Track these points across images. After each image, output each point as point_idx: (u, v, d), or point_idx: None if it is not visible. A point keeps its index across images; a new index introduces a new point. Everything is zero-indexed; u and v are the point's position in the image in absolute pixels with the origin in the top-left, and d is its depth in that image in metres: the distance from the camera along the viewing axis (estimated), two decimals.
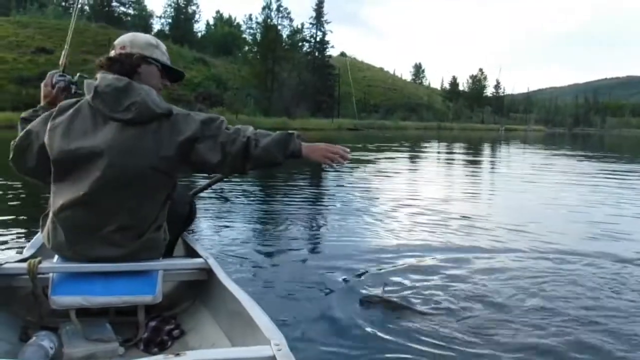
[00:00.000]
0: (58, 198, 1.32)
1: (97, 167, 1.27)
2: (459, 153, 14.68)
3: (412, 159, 11.89)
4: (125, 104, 1.28)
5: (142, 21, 50.25)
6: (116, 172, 1.27)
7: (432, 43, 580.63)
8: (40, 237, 1.56)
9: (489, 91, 75.80)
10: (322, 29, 48.09)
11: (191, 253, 1.68)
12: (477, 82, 74.24)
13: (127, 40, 1.42)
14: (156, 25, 54.74)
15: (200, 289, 1.54)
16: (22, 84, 27.58)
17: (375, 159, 10.92)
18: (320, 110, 41.31)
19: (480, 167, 10.18)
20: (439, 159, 12.35)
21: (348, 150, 1.43)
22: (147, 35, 1.48)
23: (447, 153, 14.56)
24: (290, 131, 1.41)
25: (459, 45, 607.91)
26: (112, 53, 1.41)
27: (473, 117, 65.33)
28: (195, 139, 1.32)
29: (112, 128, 1.29)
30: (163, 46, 1.48)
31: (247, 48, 52.39)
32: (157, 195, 1.36)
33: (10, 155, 1.38)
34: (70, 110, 1.33)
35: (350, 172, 7.78)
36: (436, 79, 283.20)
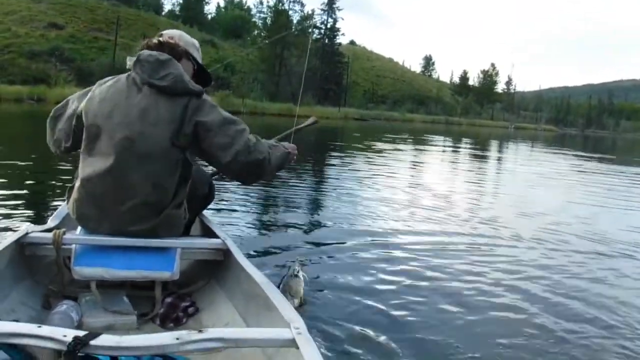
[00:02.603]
0: (86, 167, 1.36)
1: (127, 135, 1.32)
2: (468, 149, 14.58)
3: (417, 153, 11.84)
4: (162, 73, 1.36)
5: (154, 0, 49.74)
6: (143, 141, 1.32)
7: (443, 35, 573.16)
8: (65, 208, 1.60)
9: (500, 87, 74.62)
10: (334, 16, 47.49)
11: (208, 233, 1.70)
12: (489, 77, 73.05)
13: (176, 34, 1.56)
14: (167, 6, 54.37)
15: (216, 269, 1.57)
16: (33, 58, 27.55)
17: (382, 149, 10.89)
18: (327, 99, 40.97)
19: (488, 167, 10.12)
20: (444, 151, 12.30)
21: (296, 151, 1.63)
22: (192, 38, 1.63)
23: (454, 149, 14.47)
24: (285, 145, 1.56)
25: (470, 40, 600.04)
26: (160, 39, 1.48)
27: (482, 113, 64.58)
28: (210, 128, 1.36)
29: (145, 96, 1.35)
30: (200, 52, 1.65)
31: (256, 32, 51.88)
32: (176, 171, 1.39)
33: (49, 117, 1.53)
34: (109, 82, 1.42)
35: (367, 161, 7.77)
36: (446, 72, 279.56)
